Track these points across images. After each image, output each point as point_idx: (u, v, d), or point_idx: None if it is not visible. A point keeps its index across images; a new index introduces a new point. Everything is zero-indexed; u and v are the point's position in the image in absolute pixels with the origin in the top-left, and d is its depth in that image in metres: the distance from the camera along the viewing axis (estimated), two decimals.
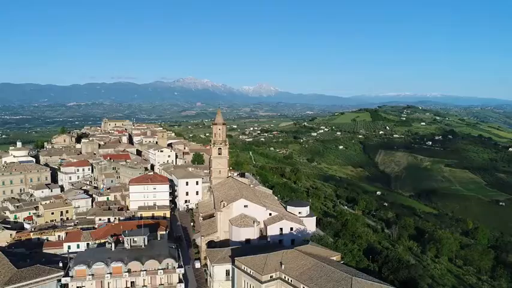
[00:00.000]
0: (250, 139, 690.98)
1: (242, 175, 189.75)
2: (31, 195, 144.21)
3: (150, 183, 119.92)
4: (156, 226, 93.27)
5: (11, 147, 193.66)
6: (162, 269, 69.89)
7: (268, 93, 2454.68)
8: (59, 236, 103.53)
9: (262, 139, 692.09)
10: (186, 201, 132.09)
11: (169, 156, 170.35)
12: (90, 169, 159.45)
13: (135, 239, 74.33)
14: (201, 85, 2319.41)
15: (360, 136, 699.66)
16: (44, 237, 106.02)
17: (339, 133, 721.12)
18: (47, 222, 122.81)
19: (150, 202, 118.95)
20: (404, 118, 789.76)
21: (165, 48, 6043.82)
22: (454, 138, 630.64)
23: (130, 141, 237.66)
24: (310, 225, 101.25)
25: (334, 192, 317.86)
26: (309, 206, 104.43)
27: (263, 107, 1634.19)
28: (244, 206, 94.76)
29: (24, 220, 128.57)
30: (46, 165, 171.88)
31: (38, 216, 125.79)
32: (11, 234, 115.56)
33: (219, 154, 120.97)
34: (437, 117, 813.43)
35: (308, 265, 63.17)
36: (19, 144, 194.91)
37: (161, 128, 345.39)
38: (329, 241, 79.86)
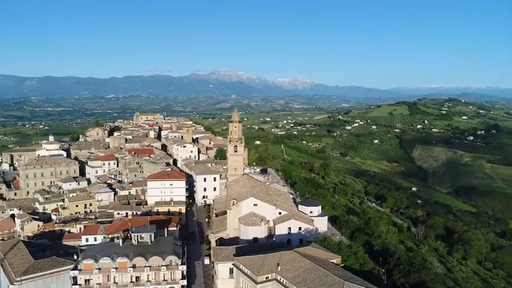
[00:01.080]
0: (283, 132, 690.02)
1: (264, 171, 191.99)
2: (60, 187, 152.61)
3: (167, 179, 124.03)
4: (167, 222, 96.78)
5: (44, 141, 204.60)
6: (165, 265, 73.01)
7: (304, 86, 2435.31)
8: (80, 229, 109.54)
9: (294, 132, 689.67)
10: (203, 197, 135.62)
11: (191, 151, 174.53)
12: (116, 163, 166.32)
13: (142, 235, 77.81)
14: (236, 77, 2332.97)
15: (397, 130, 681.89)
16: (67, 229, 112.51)
17: (374, 127, 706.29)
18: (71, 214, 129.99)
19: (167, 197, 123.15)
20: (444, 112, 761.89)
21: (200, 40, 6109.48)
22: (498, 133, 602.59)
23: (159, 135, 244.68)
24: (322, 225, 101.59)
25: (363, 188, 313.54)
26: (320, 206, 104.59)
27: (298, 100, 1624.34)
28: (254, 204, 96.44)
29: (52, 212, 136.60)
30: (76, 158, 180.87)
31: (64, 208, 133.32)
32: (38, 225, 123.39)
33: (235, 151, 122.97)
34: (481, 111, 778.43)
35: (304, 267, 64.06)
36: (51, 138, 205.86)
37: (190, 122, 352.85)
38: (332, 242, 79.96)
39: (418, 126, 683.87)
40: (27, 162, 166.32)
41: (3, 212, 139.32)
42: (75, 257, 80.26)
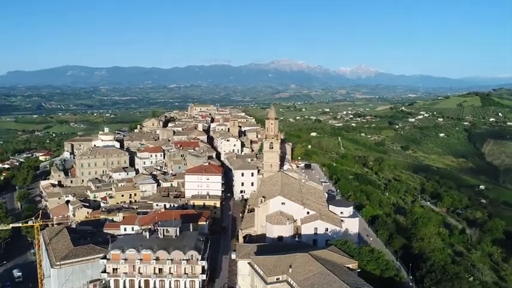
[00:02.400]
0: (340, 124, 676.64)
1: (308, 166, 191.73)
2: (110, 177, 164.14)
3: (204, 174, 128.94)
4: (197, 217, 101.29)
5: (100, 132, 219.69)
6: (186, 259, 77.19)
7: (367, 75, 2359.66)
8: (123, 217, 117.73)
9: (353, 124, 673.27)
10: (241, 192, 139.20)
11: (234, 145, 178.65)
12: (163, 155, 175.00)
13: (168, 229, 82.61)
14: (296, 67, 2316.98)
15: (466, 123, 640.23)
16: (110, 218, 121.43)
17: (440, 119, 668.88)
18: (117, 203, 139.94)
19: (204, 191, 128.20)
20: None
21: (260, 30, 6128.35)
22: None
23: (210, 127, 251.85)
24: (352, 226, 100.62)
25: (420, 186, 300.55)
26: (352, 207, 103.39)
27: (360, 89, 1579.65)
28: (282, 203, 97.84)
29: (101, 200, 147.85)
30: (127, 149, 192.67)
31: (111, 197, 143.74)
32: (87, 212, 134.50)
33: (270, 148, 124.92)
34: None
35: (314, 271, 64.76)
36: (106, 129, 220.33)
37: (243, 114, 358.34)
38: (352, 246, 79.02)
39: (491, 119, 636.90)
40: (82, 152, 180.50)
41: (59, 198, 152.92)
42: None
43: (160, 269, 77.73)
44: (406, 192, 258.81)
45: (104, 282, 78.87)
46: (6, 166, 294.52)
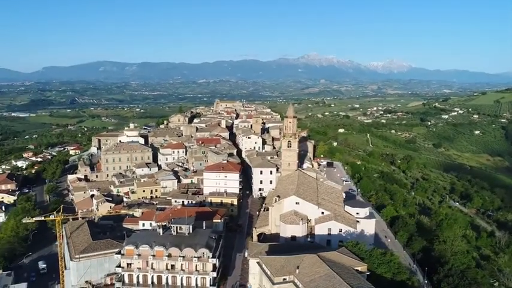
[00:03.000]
0: (370, 120, 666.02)
1: (330, 164, 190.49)
2: (133, 172, 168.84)
3: (222, 171, 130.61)
4: (212, 214, 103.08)
5: (125, 128, 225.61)
6: (197, 257, 78.93)
7: (400, 69, 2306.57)
8: (142, 213, 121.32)
9: (383, 120, 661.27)
10: (260, 189, 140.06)
11: (255, 142, 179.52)
12: (184, 152, 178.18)
13: (181, 226, 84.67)
14: (326, 61, 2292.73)
15: (503, 120, 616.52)
16: (131, 213, 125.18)
17: (476, 116, 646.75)
18: (138, 198, 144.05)
19: (222, 189, 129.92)
20: None
21: (289, 24, 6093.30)
22: None
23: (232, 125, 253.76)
24: (369, 227, 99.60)
25: (449, 185, 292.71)
26: (369, 208, 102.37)
27: (392, 85, 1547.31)
28: (296, 203, 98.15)
29: (124, 195, 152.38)
30: (151, 145, 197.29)
31: (133, 192, 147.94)
32: (110, 207, 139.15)
33: (288, 147, 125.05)
34: None
35: (321, 273, 65.01)
36: (132, 125, 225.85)
37: (268, 110, 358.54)
38: (364, 248, 78.39)
39: None
40: (107, 148, 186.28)
41: (85, 192, 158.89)
42: None
43: (172, 266, 79.88)
44: (434, 192, 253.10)
45: (119, 276, 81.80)
46: (39, 159, 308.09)
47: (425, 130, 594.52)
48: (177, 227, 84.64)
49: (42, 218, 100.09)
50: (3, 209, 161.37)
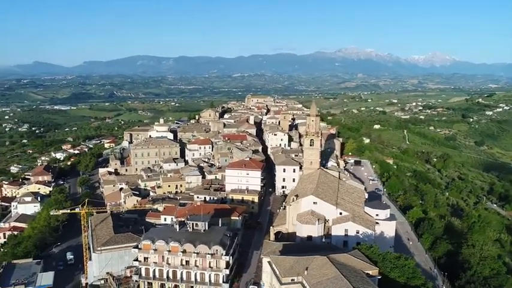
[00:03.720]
0: (407, 116, 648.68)
1: (357, 163, 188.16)
2: (161, 167, 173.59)
3: (244, 169, 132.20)
4: (231, 211, 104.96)
5: (155, 123, 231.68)
6: (210, 254, 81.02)
7: (442, 63, 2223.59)
8: (164, 208, 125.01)
9: (421, 117, 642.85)
10: (282, 187, 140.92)
11: (281, 139, 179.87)
12: (211, 147, 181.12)
13: (197, 223, 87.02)
14: (364, 55, 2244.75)
15: None
16: (155, 207, 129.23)
17: None
18: (164, 193, 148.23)
19: (243, 186, 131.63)
20: None
21: (326, 17, 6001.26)
22: None
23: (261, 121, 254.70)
24: (389, 229, 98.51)
25: (488, 186, 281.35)
26: (389, 209, 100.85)
27: (434, 79, 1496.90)
28: (314, 202, 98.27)
29: (150, 189, 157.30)
30: (180, 140, 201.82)
31: (159, 187, 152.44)
32: (137, 201, 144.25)
33: (311, 145, 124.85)
34: None
35: (329, 275, 65.28)
36: (161, 120, 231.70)
37: (300, 105, 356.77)
38: (377, 251, 77.45)
39: None
40: (136, 142, 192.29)
41: (114, 186, 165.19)
42: None
43: (187, 261, 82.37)
44: (470, 192, 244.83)
45: (136, 269, 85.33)
46: (76, 152, 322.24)
47: (466, 127, 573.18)
48: (193, 224, 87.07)
49: (68, 211, 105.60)
50: (39, 200, 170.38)
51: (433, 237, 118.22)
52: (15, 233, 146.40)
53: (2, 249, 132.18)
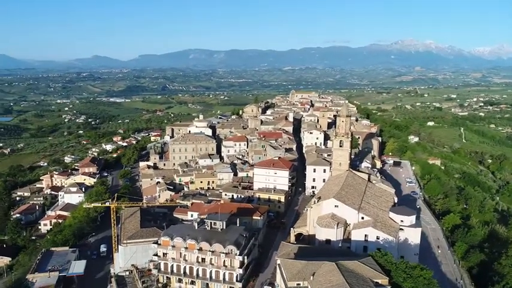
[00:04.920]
0: (465, 113, 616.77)
1: (397, 164, 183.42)
2: (196, 162, 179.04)
3: (272, 168, 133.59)
4: (253, 211, 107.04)
5: (195, 119, 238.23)
6: (225, 253, 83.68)
7: (510, 56, 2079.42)
8: (191, 204, 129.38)
9: (481, 114, 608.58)
10: (312, 187, 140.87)
11: (317, 138, 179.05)
12: (246, 144, 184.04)
13: (215, 222, 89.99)
14: (423, 47, 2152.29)
15: None
16: (185, 203, 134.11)
17: None
18: (196, 189, 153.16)
19: (271, 185, 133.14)
20: None
21: (383, 7, 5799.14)
22: None
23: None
24: (414, 236, 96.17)
25: None
26: (415, 216, 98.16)
27: (500, 73, 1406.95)
28: (335, 205, 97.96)
29: (184, 184, 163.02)
30: (217, 136, 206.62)
31: (192, 182, 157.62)
32: (170, 195, 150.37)
33: (340, 146, 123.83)
34: None
35: (333, 282, 65.54)
36: (201, 116, 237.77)
37: (346, 101, 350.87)
38: (391, 260, 75.89)
39: None
40: (175, 138, 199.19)
41: (151, 179, 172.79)
42: None
43: (203, 259, 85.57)
44: None
45: (156, 264, 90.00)
46: (125, 144, 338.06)
47: None
48: (211, 223, 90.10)
49: (99, 205, 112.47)
50: (83, 190, 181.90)
51: (466, 245, 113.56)
52: (60, 221, 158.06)
53: (47, 236, 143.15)
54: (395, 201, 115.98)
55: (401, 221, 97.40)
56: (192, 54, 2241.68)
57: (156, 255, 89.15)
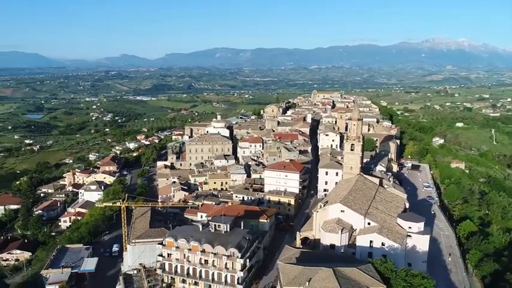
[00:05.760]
0: (497, 114, 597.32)
1: (415, 167, 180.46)
2: (212, 163, 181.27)
3: (282, 171, 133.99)
4: (259, 214, 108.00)
5: (213, 119, 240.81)
6: (227, 255, 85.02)
7: None
8: (201, 205, 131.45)
9: None
10: (324, 190, 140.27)
11: (333, 140, 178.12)
12: (261, 146, 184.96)
13: (219, 225, 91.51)
14: (455, 45, 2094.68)
15: None
16: (197, 204, 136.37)
17: None
18: (209, 189, 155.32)
19: (282, 188, 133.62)
20: None
21: (413, 5, 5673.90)
22: None
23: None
24: (422, 243, 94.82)
25: None
26: (423, 222, 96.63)
27: None
28: (341, 210, 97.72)
29: (199, 184, 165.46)
30: (234, 137, 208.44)
31: (205, 183, 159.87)
32: (184, 195, 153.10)
33: (351, 150, 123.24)
34: None
35: None
36: (219, 117, 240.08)
37: (368, 102, 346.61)
38: (391, 267, 75.05)
39: None
40: (191, 138, 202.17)
41: (167, 179, 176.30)
42: None
43: (205, 261, 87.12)
44: None
45: (161, 264, 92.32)
46: (147, 143, 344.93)
47: None
48: (215, 225, 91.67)
49: (110, 204, 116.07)
50: (102, 188, 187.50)
51: (481, 253, 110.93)
52: (79, 218, 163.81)
53: (66, 233, 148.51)
54: (407, 206, 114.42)
55: (409, 227, 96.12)
56: (218, 53, 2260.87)
57: (161, 255, 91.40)
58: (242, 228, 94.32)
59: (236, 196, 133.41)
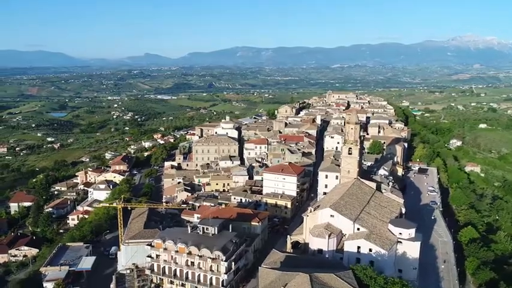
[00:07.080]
0: None
1: (422, 171, 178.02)
2: (217, 164, 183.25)
3: (280, 173, 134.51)
4: (252, 217, 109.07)
5: (222, 120, 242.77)
6: (211, 258, 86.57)
7: None
8: (198, 206, 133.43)
9: None
10: (324, 193, 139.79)
11: (338, 142, 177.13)
12: (267, 147, 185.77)
13: (207, 227, 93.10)
14: (484, 43, 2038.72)
15: None
16: (197, 204, 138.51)
17: None
18: (211, 190, 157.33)
19: (280, 190, 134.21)
20: None
21: (439, 1, 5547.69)
22: None
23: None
24: (412, 250, 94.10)
25: None
26: (414, 229, 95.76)
27: None
28: (331, 215, 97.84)
29: (202, 185, 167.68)
30: (242, 138, 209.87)
31: (208, 184, 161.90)
32: (187, 196, 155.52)
33: (349, 154, 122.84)
34: None
35: None
36: (227, 118, 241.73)
37: (384, 103, 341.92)
38: (370, 274, 74.83)
39: None
40: (198, 139, 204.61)
41: (173, 180, 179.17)
42: None
43: (192, 262, 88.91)
44: None
45: (150, 265, 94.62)
46: (162, 142, 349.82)
47: None
48: (203, 227, 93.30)
49: (107, 205, 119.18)
50: (111, 188, 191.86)
51: (478, 261, 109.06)
52: (86, 216, 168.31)
53: (73, 230, 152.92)
54: (403, 212, 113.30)
55: (400, 233, 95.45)
56: (239, 52, 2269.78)
57: (149, 256, 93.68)
58: (231, 231, 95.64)
59: (234, 198, 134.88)
